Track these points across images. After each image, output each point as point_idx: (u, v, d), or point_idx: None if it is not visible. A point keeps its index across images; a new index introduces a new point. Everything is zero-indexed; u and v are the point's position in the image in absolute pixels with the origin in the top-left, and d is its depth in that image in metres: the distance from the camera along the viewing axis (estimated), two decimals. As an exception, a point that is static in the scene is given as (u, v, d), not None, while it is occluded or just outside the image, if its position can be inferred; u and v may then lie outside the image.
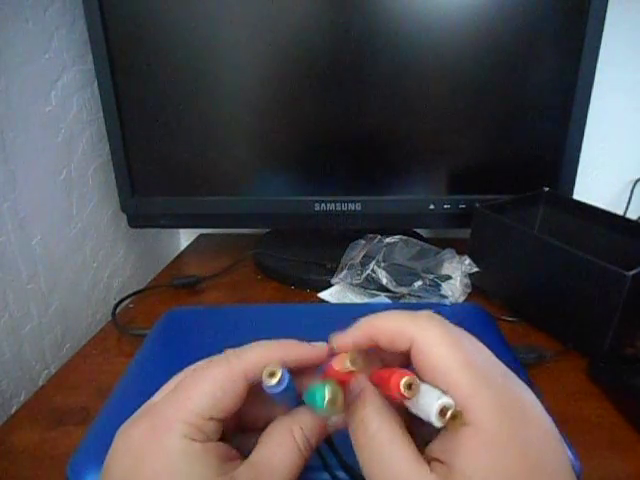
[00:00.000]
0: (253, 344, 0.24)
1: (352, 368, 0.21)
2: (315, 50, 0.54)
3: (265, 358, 0.23)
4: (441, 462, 0.20)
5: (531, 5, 0.51)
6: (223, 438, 0.23)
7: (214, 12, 0.52)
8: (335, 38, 0.53)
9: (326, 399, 0.21)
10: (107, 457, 0.22)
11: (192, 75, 0.54)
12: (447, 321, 0.23)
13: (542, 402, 0.21)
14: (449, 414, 0.19)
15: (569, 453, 0.29)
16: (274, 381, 0.21)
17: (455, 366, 0.20)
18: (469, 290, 0.54)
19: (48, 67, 0.50)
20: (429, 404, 0.19)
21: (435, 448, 0.20)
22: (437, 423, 0.19)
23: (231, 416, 0.22)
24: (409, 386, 0.20)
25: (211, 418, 0.21)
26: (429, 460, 0.20)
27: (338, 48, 0.53)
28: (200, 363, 0.24)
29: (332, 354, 0.24)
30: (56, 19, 0.50)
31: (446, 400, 0.19)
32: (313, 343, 0.24)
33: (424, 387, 0.20)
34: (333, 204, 0.59)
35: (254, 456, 0.22)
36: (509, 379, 0.21)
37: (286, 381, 0.22)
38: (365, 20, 0.52)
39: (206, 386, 0.22)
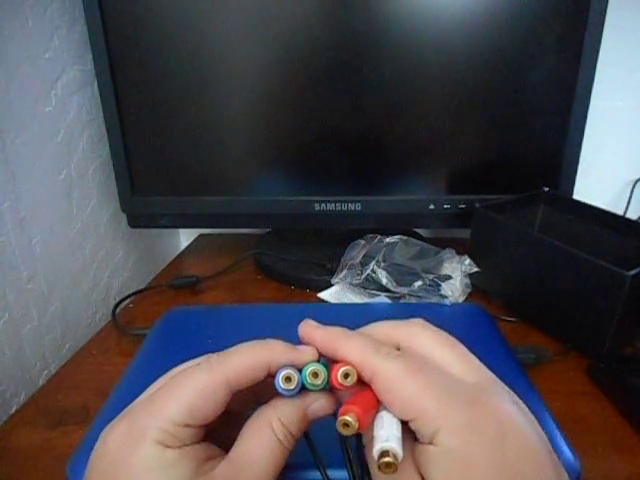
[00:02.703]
0: (238, 348, 0.23)
1: (345, 384, 0.22)
2: (315, 50, 0.54)
3: (250, 364, 0.22)
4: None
5: (531, 5, 0.51)
6: (210, 435, 0.23)
7: (214, 12, 0.52)
8: (335, 38, 0.53)
9: (306, 373, 0.22)
10: (88, 463, 0.22)
11: (192, 75, 0.54)
12: (411, 350, 0.23)
13: (542, 402, 0.21)
14: (383, 460, 0.19)
15: (570, 455, 0.29)
16: (292, 386, 0.22)
17: (418, 394, 0.20)
18: (469, 290, 0.54)
19: (48, 67, 0.50)
20: (375, 442, 0.20)
21: (419, 459, 0.20)
22: (375, 462, 0.19)
23: (212, 421, 0.22)
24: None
25: (187, 425, 0.21)
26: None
27: (338, 48, 0.53)
28: (184, 366, 0.24)
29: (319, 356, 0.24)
30: (56, 19, 0.50)
31: (388, 445, 0.19)
32: (300, 347, 0.24)
33: (386, 418, 0.21)
34: (333, 204, 0.59)
35: (233, 451, 0.22)
36: (487, 394, 0.21)
37: (300, 385, 0.22)
38: (365, 20, 0.52)
39: (185, 393, 0.21)
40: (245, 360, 0.22)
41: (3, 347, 0.44)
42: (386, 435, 0.20)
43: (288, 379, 0.22)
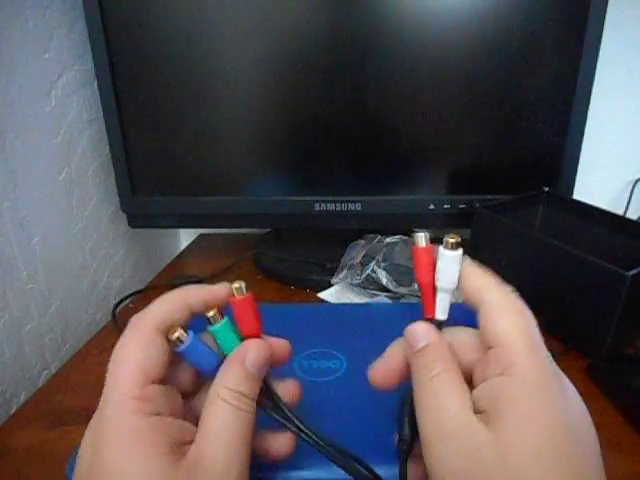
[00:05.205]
0: (155, 300, 0.24)
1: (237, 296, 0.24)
2: (315, 49, 0.54)
3: (168, 307, 0.24)
4: (482, 411, 0.20)
5: (531, 5, 0.51)
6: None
7: (213, 12, 0.52)
8: (336, 38, 0.53)
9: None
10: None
11: (192, 75, 0.54)
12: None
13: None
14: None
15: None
16: (174, 336, 0.23)
17: (516, 328, 0.21)
18: (469, 290, 0.54)
19: (48, 67, 0.50)
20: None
21: (478, 396, 0.21)
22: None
23: (173, 378, 0.23)
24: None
25: (152, 382, 0.22)
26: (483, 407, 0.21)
27: (338, 48, 0.53)
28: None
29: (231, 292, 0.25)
30: (56, 19, 0.50)
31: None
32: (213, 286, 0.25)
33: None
34: (333, 204, 0.59)
35: (198, 434, 0.22)
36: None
37: (190, 339, 0.23)
38: (366, 20, 0.52)
39: (128, 358, 0.22)
40: (162, 306, 0.24)
41: (3, 347, 0.44)
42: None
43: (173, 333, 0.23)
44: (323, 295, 0.57)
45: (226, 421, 0.22)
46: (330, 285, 0.57)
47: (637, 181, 0.71)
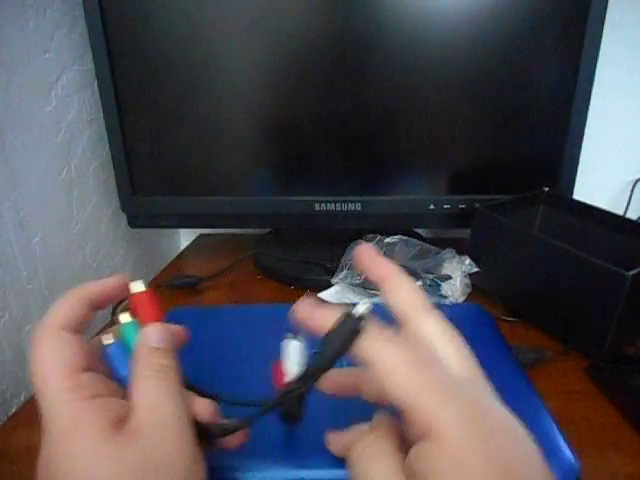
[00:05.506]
0: (58, 301, 0.25)
1: (142, 289, 0.26)
2: (316, 49, 0.54)
3: (67, 305, 0.25)
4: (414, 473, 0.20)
5: (532, 5, 0.51)
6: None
7: (213, 12, 0.52)
8: (335, 38, 0.53)
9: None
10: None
11: (192, 75, 0.54)
12: (416, 335, 0.23)
13: (542, 402, 0.21)
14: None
15: (570, 455, 0.29)
16: (110, 340, 0.25)
17: (417, 388, 0.20)
18: (469, 290, 0.54)
19: (48, 67, 0.50)
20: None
21: (408, 460, 0.21)
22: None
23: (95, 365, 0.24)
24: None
25: (82, 370, 0.23)
26: (410, 473, 0.21)
27: (338, 48, 0.53)
28: None
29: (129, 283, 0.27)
30: (56, 19, 0.50)
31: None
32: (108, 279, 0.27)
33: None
34: (333, 204, 0.59)
35: (131, 409, 0.23)
36: (478, 391, 0.21)
37: (116, 341, 0.26)
38: (366, 20, 0.52)
39: (46, 359, 0.23)
40: (60, 306, 0.25)
41: (3, 347, 0.44)
42: None
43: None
44: (323, 295, 0.56)
45: (152, 390, 0.23)
46: (330, 285, 0.57)
47: (637, 181, 0.71)
